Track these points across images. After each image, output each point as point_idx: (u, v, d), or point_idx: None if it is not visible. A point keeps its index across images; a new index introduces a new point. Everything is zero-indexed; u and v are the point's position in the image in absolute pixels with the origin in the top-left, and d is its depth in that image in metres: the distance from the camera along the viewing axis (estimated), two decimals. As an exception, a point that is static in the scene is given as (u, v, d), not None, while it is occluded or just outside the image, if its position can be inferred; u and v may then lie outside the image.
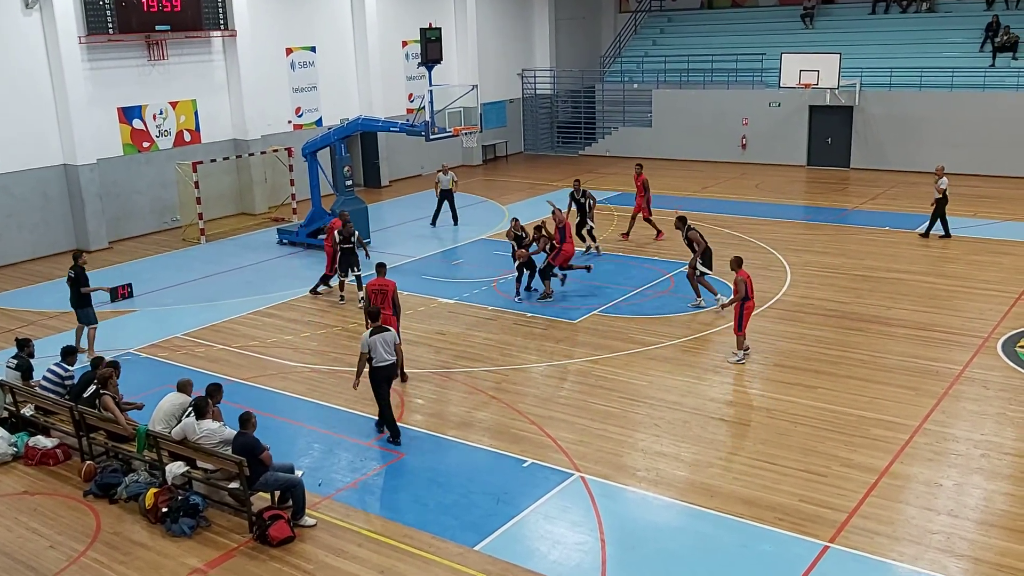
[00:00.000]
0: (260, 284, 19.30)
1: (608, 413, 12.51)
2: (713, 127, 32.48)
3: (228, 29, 25.10)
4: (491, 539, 9.60)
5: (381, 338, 11.58)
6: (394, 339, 11.71)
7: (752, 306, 14.19)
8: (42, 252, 22.10)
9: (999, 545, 9.23)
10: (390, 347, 11.62)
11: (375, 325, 11.72)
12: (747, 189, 27.60)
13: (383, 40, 30.02)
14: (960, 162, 28.03)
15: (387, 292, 13.49)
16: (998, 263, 18.89)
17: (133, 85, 23.51)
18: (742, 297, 13.90)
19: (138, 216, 24.08)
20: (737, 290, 13.93)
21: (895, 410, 12.26)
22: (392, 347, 11.65)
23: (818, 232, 22.19)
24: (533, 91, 36.67)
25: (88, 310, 15.14)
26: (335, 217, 18.67)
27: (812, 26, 33.88)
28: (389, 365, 11.66)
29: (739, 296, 13.92)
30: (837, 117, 30.21)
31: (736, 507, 10.03)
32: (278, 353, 15.25)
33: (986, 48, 29.68)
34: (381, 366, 11.62)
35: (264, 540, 9.60)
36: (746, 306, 13.99)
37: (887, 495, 10.18)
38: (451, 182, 23.45)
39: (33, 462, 11.68)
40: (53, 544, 9.85)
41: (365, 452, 11.70)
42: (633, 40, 37.79)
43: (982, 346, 14.43)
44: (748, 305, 14.03)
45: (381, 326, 11.75)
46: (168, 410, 10.71)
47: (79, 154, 22.09)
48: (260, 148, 25.84)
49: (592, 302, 17.18)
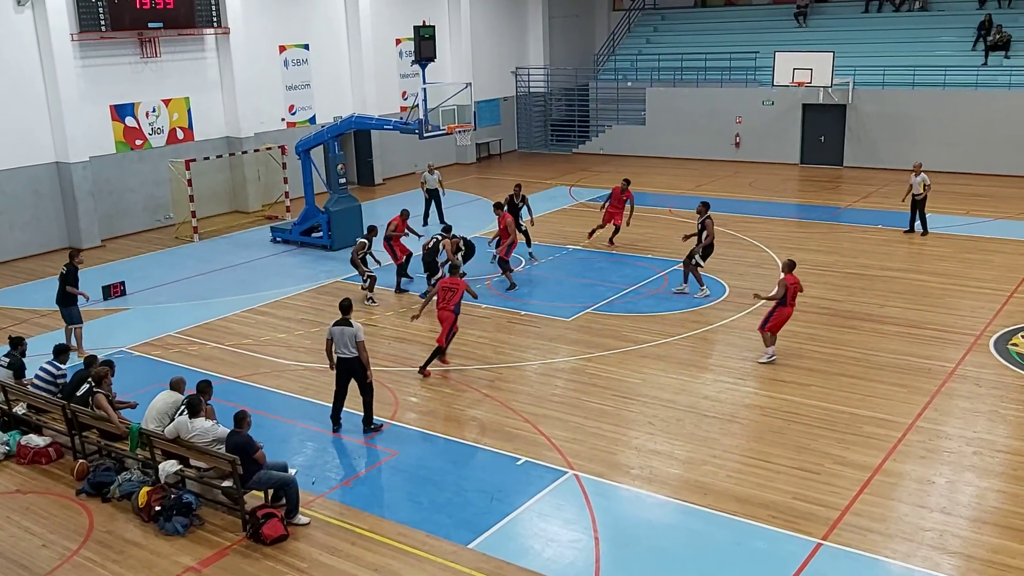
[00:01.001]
0: (253, 282, 19.27)
1: (602, 411, 12.53)
2: (707, 125, 32.51)
3: (221, 26, 25.03)
4: (485, 537, 9.60)
5: (339, 331, 11.70)
6: (354, 336, 11.64)
7: (788, 314, 13.89)
8: (34, 250, 22.03)
9: (991, 542, 9.26)
10: (348, 342, 11.66)
11: (341, 318, 11.84)
12: (741, 187, 27.65)
13: (377, 38, 29.99)
14: (952, 160, 28.17)
15: (457, 291, 13.89)
16: (990, 261, 18.95)
17: (126, 82, 23.44)
18: (777, 298, 13.69)
19: (131, 214, 24.02)
20: (776, 291, 13.76)
21: (888, 408, 12.30)
22: (351, 343, 11.65)
23: (811, 230, 22.23)
24: (527, 89, 36.67)
25: (72, 309, 15.11)
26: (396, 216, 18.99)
27: (805, 24, 33.95)
28: (346, 359, 11.75)
29: (775, 296, 13.73)
30: (830, 115, 30.27)
31: (729, 505, 10.05)
32: (271, 351, 15.23)
33: (978, 47, 29.77)
34: (341, 358, 11.81)
35: (257, 538, 9.58)
36: (781, 311, 13.75)
37: (880, 492, 10.21)
38: (437, 181, 23.40)
39: (25, 461, 11.65)
40: (46, 543, 9.82)
41: (358, 450, 11.70)
42: (627, 38, 37.80)
43: (974, 344, 14.47)
44: (783, 311, 13.77)
45: (346, 319, 11.81)
46: (161, 408, 10.69)
47: (71, 152, 22.02)
48: (253, 146, 25.78)
49: (585, 300, 17.19)
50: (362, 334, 11.72)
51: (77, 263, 15.39)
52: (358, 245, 17.72)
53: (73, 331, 15.22)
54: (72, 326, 15.19)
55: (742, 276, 18.28)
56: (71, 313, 15.12)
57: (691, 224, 22.10)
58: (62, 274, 15.09)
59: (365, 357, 11.78)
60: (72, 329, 15.22)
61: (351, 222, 21.56)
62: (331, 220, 21.33)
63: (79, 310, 15.28)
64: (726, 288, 17.59)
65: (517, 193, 20.39)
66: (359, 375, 11.86)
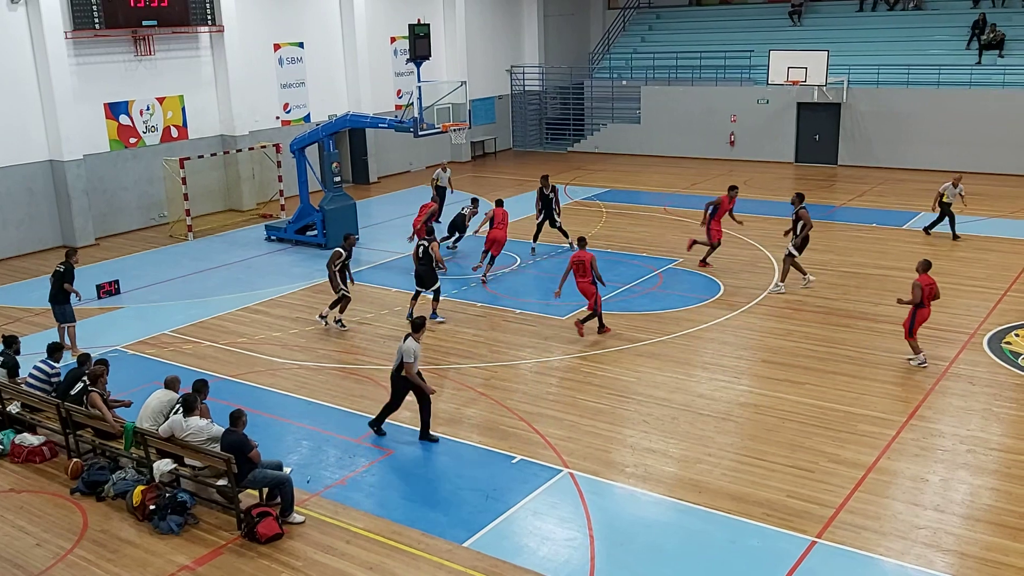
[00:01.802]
0: (248, 280, 19.24)
1: (597, 409, 12.54)
2: (701, 124, 32.53)
3: (215, 24, 24.98)
4: (480, 535, 9.60)
5: (400, 345, 11.48)
6: (405, 351, 11.32)
7: (926, 315, 13.60)
8: (28, 248, 21.97)
9: (985, 540, 9.29)
10: (398, 356, 11.46)
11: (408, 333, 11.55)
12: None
13: (371, 36, 29.95)
14: (946, 159, 28.23)
15: (586, 263, 14.89)
16: (984, 259, 19.00)
17: (120, 80, 23.37)
18: (916, 302, 13.46)
19: (125, 212, 23.96)
20: (913, 294, 13.52)
21: (882, 406, 12.33)
22: (399, 356, 11.43)
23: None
24: (522, 87, 36.65)
25: (66, 307, 15.08)
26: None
27: (800, 23, 33.99)
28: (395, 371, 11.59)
29: (913, 300, 13.48)
30: (825, 114, 30.31)
31: (724, 503, 10.06)
32: (266, 350, 15.21)
33: (972, 46, 29.82)
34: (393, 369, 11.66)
35: (252, 537, 9.58)
36: (919, 313, 13.53)
37: (874, 490, 10.24)
38: (447, 180, 23.43)
39: (19, 460, 11.62)
40: (40, 542, 9.80)
41: (354, 449, 11.68)
42: (622, 37, 37.80)
43: (968, 342, 14.51)
44: (921, 312, 13.54)
45: (407, 334, 11.49)
46: (155, 407, 10.67)
47: (65, 150, 21.96)
48: (248, 144, 25.73)
49: (581, 299, 17.16)
50: (409, 355, 11.29)
51: (74, 262, 15.36)
52: (334, 254, 15.82)
53: (66, 329, 15.19)
54: (65, 324, 15.16)
55: (736, 275, 18.31)
56: (64, 311, 15.09)
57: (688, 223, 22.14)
58: (58, 272, 15.05)
59: (410, 374, 11.39)
60: (65, 327, 15.19)
61: (346, 220, 21.55)
62: (326, 218, 21.31)
63: (72, 308, 15.25)
64: (720, 287, 17.61)
65: (546, 184, 20.42)
66: (410, 388, 11.61)
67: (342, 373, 14.18)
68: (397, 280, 18.56)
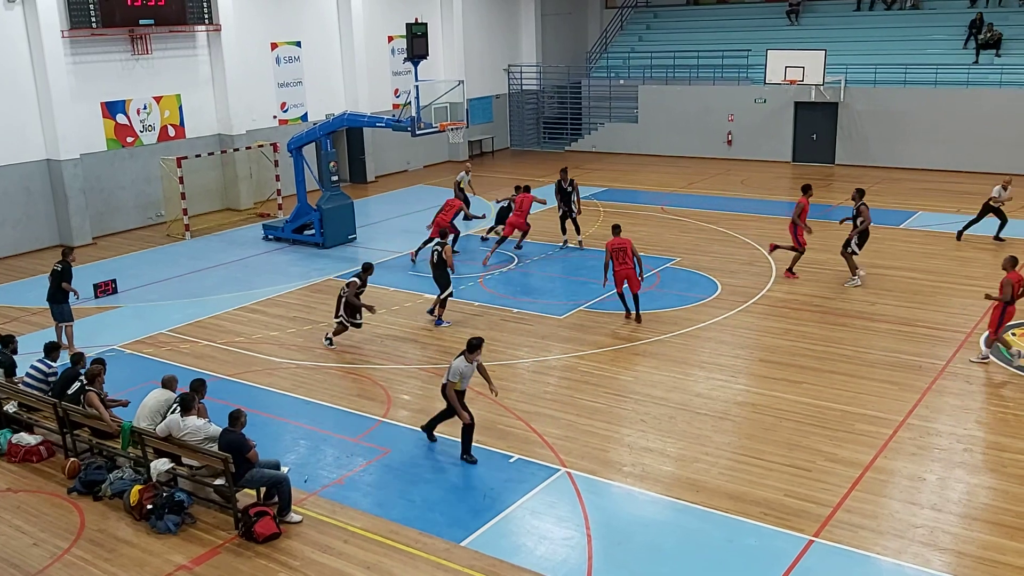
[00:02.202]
0: (245, 280, 19.22)
1: (594, 409, 12.54)
2: (699, 123, 32.55)
3: (212, 23, 24.96)
4: (477, 535, 9.60)
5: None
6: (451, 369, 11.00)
7: (1012, 312, 13.40)
8: (25, 248, 21.94)
9: (981, 539, 9.31)
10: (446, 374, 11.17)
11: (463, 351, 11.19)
12: (733, 185, 27.68)
13: (369, 35, 29.93)
14: (943, 158, 28.28)
15: (626, 249, 15.43)
16: (981, 259, 19.02)
17: (117, 80, 23.34)
18: (1006, 299, 13.31)
19: (122, 212, 23.93)
20: (1002, 291, 13.37)
21: (879, 405, 12.34)
22: (446, 372, 11.15)
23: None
24: (519, 87, 36.64)
25: (64, 306, 15.06)
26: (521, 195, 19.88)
27: (797, 23, 34.01)
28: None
29: (1003, 297, 13.33)
30: (822, 113, 30.33)
31: (721, 502, 10.07)
32: (264, 349, 15.20)
33: (969, 45, 29.85)
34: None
35: (250, 537, 9.57)
36: (1007, 310, 13.37)
37: (871, 489, 10.25)
38: (468, 182, 23.17)
39: (16, 459, 11.61)
40: (37, 541, 9.79)
41: (351, 448, 11.68)
42: (619, 36, 37.81)
43: (965, 341, 14.53)
44: (1008, 310, 13.32)
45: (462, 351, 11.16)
46: (153, 407, 10.66)
47: (62, 149, 21.93)
48: (245, 143, 25.72)
49: (578, 298, 17.20)
50: (455, 375, 10.96)
51: (71, 260, 15.34)
52: (351, 284, 14.85)
53: (64, 329, 15.17)
54: (63, 324, 15.14)
55: (734, 274, 18.32)
56: (62, 311, 15.07)
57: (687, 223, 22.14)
58: (56, 271, 15.02)
59: (448, 393, 11.04)
60: (63, 327, 15.17)
61: (343, 219, 21.55)
62: (323, 217, 21.30)
63: (70, 308, 15.23)
64: (718, 286, 17.63)
65: (565, 178, 20.46)
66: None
67: (340, 372, 14.18)
68: (395, 279, 18.56)
